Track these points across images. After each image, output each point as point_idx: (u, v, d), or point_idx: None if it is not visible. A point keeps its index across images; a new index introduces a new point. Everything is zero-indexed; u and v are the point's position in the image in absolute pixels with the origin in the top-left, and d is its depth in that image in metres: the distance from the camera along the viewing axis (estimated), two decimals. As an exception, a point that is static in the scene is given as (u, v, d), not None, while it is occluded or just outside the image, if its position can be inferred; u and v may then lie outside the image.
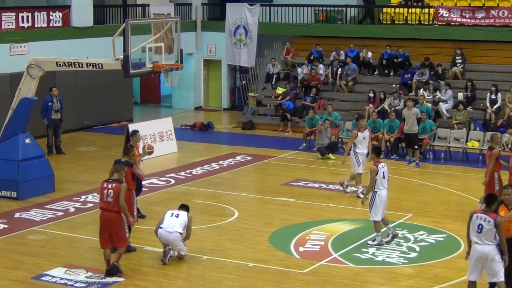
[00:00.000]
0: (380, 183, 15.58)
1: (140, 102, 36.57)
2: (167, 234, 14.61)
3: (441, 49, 30.24)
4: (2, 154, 19.57)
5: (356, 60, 30.69)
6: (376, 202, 15.59)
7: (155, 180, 21.42)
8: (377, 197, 15.58)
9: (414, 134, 23.61)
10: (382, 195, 15.64)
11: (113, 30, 23.63)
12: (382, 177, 15.58)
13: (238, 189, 20.71)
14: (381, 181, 15.58)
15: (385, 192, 15.71)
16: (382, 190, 15.64)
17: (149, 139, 24.63)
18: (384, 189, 15.68)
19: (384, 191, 15.68)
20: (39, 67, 19.38)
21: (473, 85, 27.72)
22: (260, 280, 14.04)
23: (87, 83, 28.90)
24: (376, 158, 15.82)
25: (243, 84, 34.15)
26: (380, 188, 15.59)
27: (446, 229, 17.09)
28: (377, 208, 15.58)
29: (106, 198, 13.81)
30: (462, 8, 29.77)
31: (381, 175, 15.56)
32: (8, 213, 18.24)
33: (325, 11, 32.82)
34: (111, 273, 14.04)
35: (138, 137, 17.21)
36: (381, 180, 15.57)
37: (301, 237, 16.44)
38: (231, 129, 30.34)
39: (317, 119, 26.06)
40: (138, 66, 20.10)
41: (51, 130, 24.67)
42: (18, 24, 26.70)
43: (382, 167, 15.65)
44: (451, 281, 13.97)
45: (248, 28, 32.63)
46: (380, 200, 15.61)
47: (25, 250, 15.64)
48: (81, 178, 21.74)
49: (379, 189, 15.58)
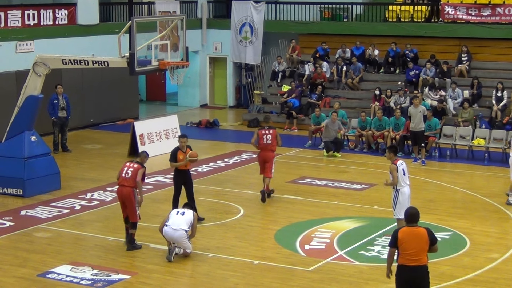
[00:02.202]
0: (402, 180, 15.44)
1: (145, 99, 36.60)
2: (172, 231, 14.63)
3: (447, 47, 30.21)
4: (8, 151, 19.62)
5: (362, 57, 30.68)
6: (399, 199, 15.49)
7: (160, 177, 21.43)
8: (400, 195, 15.49)
9: (421, 132, 23.58)
10: (405, 192, 15.52)
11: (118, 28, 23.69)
12: (403, 174, 15.46)
13: (244, 187, 20.72)
14: (402, 178, 15.44)
15: (407, 189, 15.59)
16: (405, 187, 15.50)
17: (155, 137, 24.67)
18: (406, 186, 15.54)
19: (406, 188, 15.55)
20: (45, 64, 19.41)
21: (479, 83, 27.69)
22: (265, 277, 14.05)
23: (93, 80, 28.93)
24: (394, 157, 15.68)
25: (248, 82, 34.16)
26: (402, 185, 15.46)
27: (452, 226, 17.07)
28: (400, 205, 15.41)
29: (124, 174, 15.24)
30: (468, 5, 29.71)
31: (401, 172, 15.44)
32: (14, 211, 18.28)
33: (330, 8, 32.81)
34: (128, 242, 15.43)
35: (186, 141, 17.07)
36: (402, 177, 15.45)
37: (307, 235, 16.44)
38: (236, 126, 30.36)
39: (323, 117, 26.05)
40: (143, 63, 20.14)
41: (57, 128, 24.70)
42: (24, 22, 26.75)
43: (401, 164, 15.51)
44: (456, 279, 13.96)
45: (253, 25, 32.63)
46: (403, 198, 15.50)
47: (31, 248, 15.67)
48: (87, 176, 21.77)
49: (401, 187, 15.46)
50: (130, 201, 15.25)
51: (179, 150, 16.84)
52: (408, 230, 10.90)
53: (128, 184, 15.21)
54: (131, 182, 15.19)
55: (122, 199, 15.37)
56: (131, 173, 15.20)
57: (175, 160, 16.80)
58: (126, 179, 15.23)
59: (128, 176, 15.21)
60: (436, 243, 10.98)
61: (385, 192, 20.05)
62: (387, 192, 19.99)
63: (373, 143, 25.35)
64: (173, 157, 16.83)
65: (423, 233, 10.87)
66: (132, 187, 15.21)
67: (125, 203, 15.35)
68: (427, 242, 10.85)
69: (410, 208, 11.23)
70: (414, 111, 23.68)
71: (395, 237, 10.91)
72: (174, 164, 16.89)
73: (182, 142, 16.91)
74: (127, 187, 15.22)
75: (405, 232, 10.90)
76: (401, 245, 10.83)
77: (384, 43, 30.71)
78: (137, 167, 15.28)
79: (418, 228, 10.93)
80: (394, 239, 10.94)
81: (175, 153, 16.83)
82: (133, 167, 15.29)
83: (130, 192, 15.21)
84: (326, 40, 31.59)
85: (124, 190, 15.27)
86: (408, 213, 11.05)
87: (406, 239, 10.81)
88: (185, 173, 17.04)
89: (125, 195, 15.27)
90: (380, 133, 25.07)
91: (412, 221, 10.97)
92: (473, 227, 17.10)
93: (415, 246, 10.79)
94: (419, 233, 10.87)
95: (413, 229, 10.91)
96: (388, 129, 24.87)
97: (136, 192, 15.25)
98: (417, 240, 10.81)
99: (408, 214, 11.05)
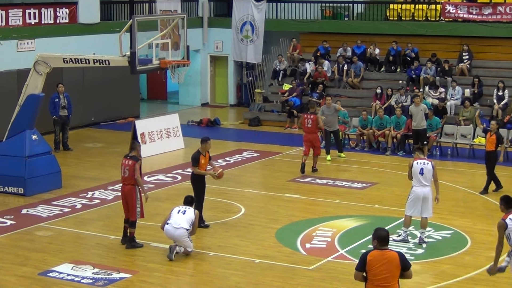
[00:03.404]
0: (416, 179, 15.39)
1: (146, 98, 36.60)
2: (173, 230, 14.64)
3: (448, 45, 30.19)
4: (9, 150, 19.61)
5: (363, 56, 30.67)
6: (410, 197, 15.58)
7: (161, 176, 21.45)
8: (411, 193, 15.57)
9: (423, 130, 23.56)
10: (415, 191, 15.45)
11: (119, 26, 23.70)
12: (418, 173, 15.36)
13: (245, 186, 20.72)
14: (417, 177, 15.38)
15: (420, 189, 15.43)
16: (417, 187, 15.42)
17: (156, 136, 24.67)
18: (418, 186, 15.42)
19: (418, 188, 15.43)
20: (46, 63, 19.41)
21: (480, 82, 27.68)
22: (266, 276, 14.04)
23: (94, 79, 28.93)
24: (419, 156, 15.63)
25: (249, 81, 34.16)
26: (415, 184, 15.45)
27: (453, 225, 17.07)
28: (408, 203, 15.58)
29: (123, 173, 15.40)
30: (469, 4, 29.71)
31: (417, 171, 15.35)
32: (15, 210, 18.28)
33: (331, 7, 32.80)
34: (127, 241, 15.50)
35: (209, 145, 16.86)
36: (417, 176, 15.38)
37: (308, 234, 16.44)
38: (237, 125, 30.36)
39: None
40: (144, 62, 20.15)
41: (58, 127, 24.71)
42: (25, 20, 26.76)
43: (420, 163, 15.42)
44: (457, 278, 13.96)
45: (254, 24, 32.62)
46: (412, 196, 15.52)
47: (32, 246, 15.67)
48: (88, 175, 21.78)
49: (415, 185, 15.48)
50: (131, 199, 15.32)
51: (200, 154, 16.60)
52: (378, 254, 9.68)
53: (127, 182, 15.33)
54: (130, 180, 15.29)
55: (124, 198, 15.47)
56: (129, 172, 15.29)
57: (198, 165, 16.59)
58: (125, 178, 15.37)
59: (126, 175, 15.34)
60: (409, 268, 9.75)
61: (386, 191, 20.11)
62: (388, 191, 20.09)
63: (374, 142, 25.35)
64: (195, 162, 16.53)
65: (394, 257, 9.66)
66: (132, 184, 15.29)
67: (127, 202, 15.42)
68: (398, 267, 9.64)
69: (380, 230, 9.82)
70: (415, 110, 23.66)
71: (363, 260, 9.70)
72: (199, 171, 16.59)
73: (206, 146, 16.68)
74: (127, 185, 15.34)
75: (375, 255, 9.67)
76: (369, 270, 9.65)
77: (385, 42, 30.69)
78: (132, 164, 15.30)
79: (389, 251, 9.71)
80: (362, 261, 9.72)
81: (198, 158, 16.52)
82: (128, 164, 15.35)
83: (130, 190, 15.30)
84: (327, 39, 31.58)
85: (125, 188, 15.41)
86: (377, 235, 9.77)
87: (376, 264, 9.63)
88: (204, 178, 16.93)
89: (126, 193, 15.36)
90: (381, 132, 25.06)
91: (382, 243, 9.73)
92: (474, 226, 17.10)
93: (385, 272, 9.59)
94: (389, 257, 9.65)
95: (383, 252, 9.68)
96: (389, 128, 24.86)
97: (137, 189, 15.33)
98: (387, 265, 9.62)
99: (377, 236, 9.77)
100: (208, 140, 16.79)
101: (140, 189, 15.41)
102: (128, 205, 15.43)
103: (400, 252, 9.80)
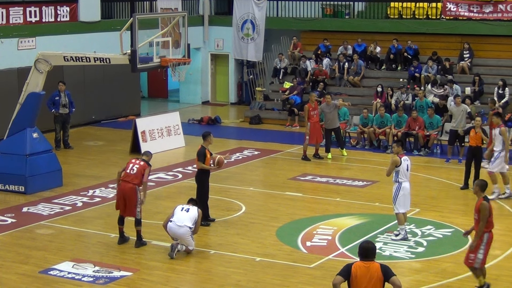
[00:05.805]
0: (404, 175, 15.67)
1: (147, 96, 36.62)
2: (176, 228, 14.63)
3: (448, 44, 30.20)
4: (10, 148, 19.63)
5: (363, 54, 30.66)
6: (400, 194, 15.71)
7: (162, 174, 21.45)
8: (401, 190, 15.69)
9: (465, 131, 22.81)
10: (406, 187, 15.72)
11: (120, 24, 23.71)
12: (406, 170, 15.67)
13: (246, 184, 20.72)
14: (405, 173, 15.67)
15: (407, 184, 15.80)
16: (406, 182, 15.73)
17: (157, 134, 24.68)
18: (406, 182, 15.75)
19: (407, 183, 15.77)
20: (47, 61, 19.42)
21: (480, 80, 27.67)
22: (267, 274, 14.05)
23: (95, 77, 28.95)
24: (401, 151, 15.80)
25: (250, 79, 34.16)
26: (404, 180, 15.68)
27: (454, 223, 17.07)
28: (401, 200, 15.71)
29: (130, 170, 15.20)
30: (470, 2, 29.69)
31: (405, 168, 15.64)
32: (16, 208, 18.29)
33: (332, 5, 32.79)
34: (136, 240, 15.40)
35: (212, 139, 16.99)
36: (405, 173, 15.67)
37: (308, 232, 16.45)
38: (238, 123, 30.36)
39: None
40: (145, 60, 20.15)
41: (59, 125, 24.71)
42: (25, 18, 26.76)
43: (405, 160, 15.72)
44: (458, 276, 13.95)
45: (255, 22, 32.61)
46: (404, 192, 15.70)
47: (32, 245, 15.68)
48: (88, 173, 21.78)
49: (403, 181, 15.68)
50: (132, 199, 15.16)
51: (206, 149, 16.66)
52: (362, 265, 9.51)
53: (132, 180, 15.13)
54: (135, 179, 15.12)
55: (124, 195, 15.23)
56: (137, 170, 15.15)
57: (204, 161, 16.64)
58: (131, 175, 15.14)
59: (133, 173, 15.14)
60: (392, 276, 9.42)
61: (387, 189, 20.04)
62: (389, 189, 19.95)
63: (375, 140, 25.34)
64: (202, 157, 16.55)
65: (375, 269, 9.44)
66: (136, 184, 15.14)
67: (125, 200, 15.22)
68: (380, 280, 9.42)
69: (365, 242, 9.67)
70: (456, 110, 23.29)
71: (347, 270, 9.51)
72: (203, 166, 16.62)
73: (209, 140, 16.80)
74: (131, 183, 15.14)
75: (359, 267, 9.50)
76: (352, 282, 9.48)
77: (386, 40, 30.70)
78: (143, 165, 15.24)
79: (373, 263, 9.49)
80: (347, 270, 9.52)
81: (204, 153, 16.57)
82: (139, 164, 15.26)
83: (133, 189, 15.14)
84: (327, 37, 31.58)
85: (127, 186, 15.17)
86: (362, 248, 9.58)
87: (358, 276, 9.45)
88: (209, 173, 16.96)
89: (127, 192, 15.16)
90: (382, 130, 25.06)
91: (366, 256, 9.53)
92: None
93: (366, 285, 9.42)
94: (372, 270, 9.45)
95: (367, 265, 9.49)
96: (390, 126, 24.86)
97: (138, 190, 15.20)
98: (369, 279, 9.43)
99: (361, 248, 9.59)
100: (210, 134, 16.98)
101: (142, 192, 15.30)
102: (126, 202, 15.22)
103: (382, 263, 9.58)
